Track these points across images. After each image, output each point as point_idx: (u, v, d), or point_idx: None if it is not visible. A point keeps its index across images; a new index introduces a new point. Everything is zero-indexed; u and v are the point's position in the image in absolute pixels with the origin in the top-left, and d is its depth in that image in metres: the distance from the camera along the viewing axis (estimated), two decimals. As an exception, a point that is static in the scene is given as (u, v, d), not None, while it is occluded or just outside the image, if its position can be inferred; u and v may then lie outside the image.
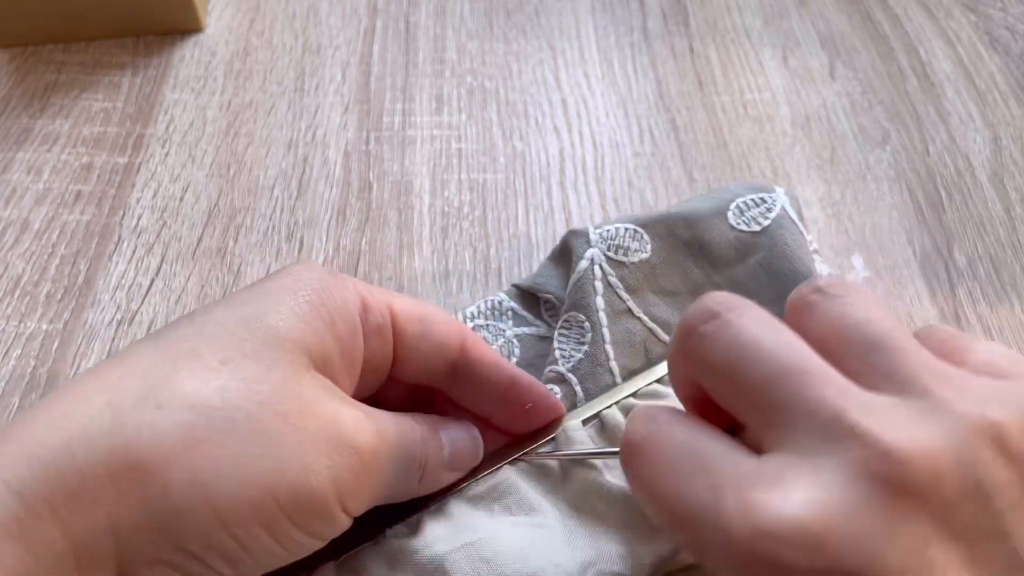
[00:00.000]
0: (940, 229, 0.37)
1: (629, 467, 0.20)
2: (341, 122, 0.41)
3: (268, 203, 0.37)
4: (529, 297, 0.31)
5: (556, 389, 0.28)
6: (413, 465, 0.22)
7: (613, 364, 0.28)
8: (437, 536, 0.24)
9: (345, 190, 0.38)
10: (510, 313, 0.31)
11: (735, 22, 0.46)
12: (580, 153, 0.39)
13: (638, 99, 0.42)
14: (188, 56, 0.43)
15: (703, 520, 0.17)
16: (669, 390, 0.27)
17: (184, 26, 0.44)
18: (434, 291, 0.34)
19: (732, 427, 0.20)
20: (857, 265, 0.35)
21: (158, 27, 0.44)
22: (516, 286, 0.32)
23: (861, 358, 0.18)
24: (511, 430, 0.26)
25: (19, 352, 0.32)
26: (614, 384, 0.28)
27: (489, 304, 0.31)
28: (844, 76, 0.43)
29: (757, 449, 0.18)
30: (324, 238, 0.36)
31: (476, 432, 0.25)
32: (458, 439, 0.24)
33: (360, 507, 0.21)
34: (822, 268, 0.30)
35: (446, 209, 0.37)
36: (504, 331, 0.30)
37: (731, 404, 0.19)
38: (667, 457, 0.18)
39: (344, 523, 0.20)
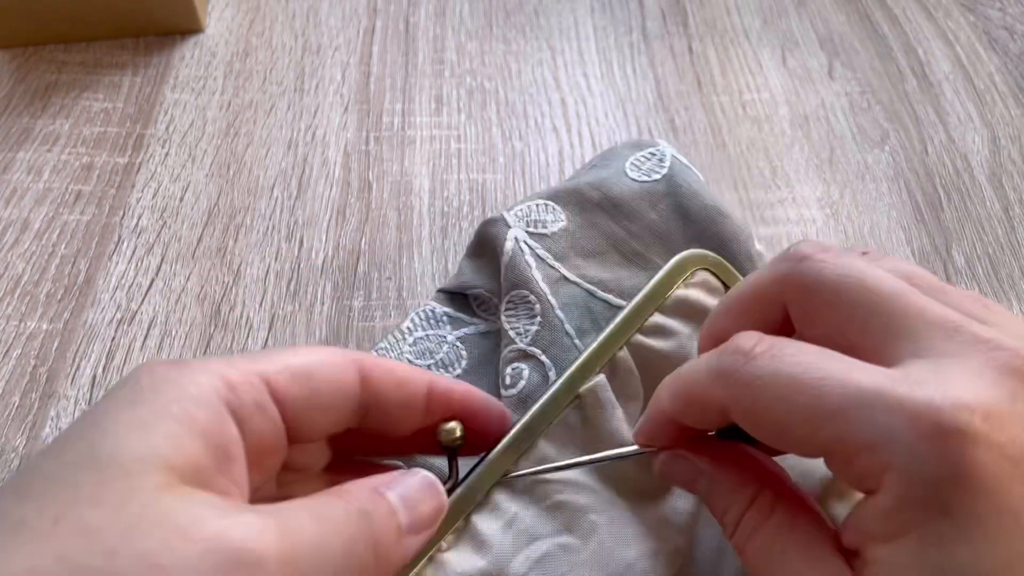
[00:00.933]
0: (939, 229, 0.37)
1: (742, 371, 0.19)
2: (341, 122, 0.41)
3: (268, 203, 0.37)
4: (459, 298, 0.31)
5: (523, 366, 0.27)
6: (356, 548, 0.18)
7: (568, 327, 0.28)
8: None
9: (345, 190, 0.38)
10: (445, 318, 0.31)
11: (734, 22, 0.46)
12: (580, 153, 0.39)
13: (637, 99, 0.42)
14: (188, 56, 0.43)
15: (872, 407, 0.17)
16: (670, 320, 0.27)
17: (184, 26, 0.44)
18: (434, 291, 0.34)
19: (729, 426, 0.20)
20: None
21: (158, 27, 0.44)
22: (442, 290, 0.32)
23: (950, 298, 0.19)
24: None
25: (19, 352, 0.32)
26: (575, 348, 0.28)
27: (423, 315, 0.31)
28: (843, 76, 0.43)
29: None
30: (324, 238, 0.36)
31: (429, 477, 0.21)
32: (410, 494, 0.20)
33: None
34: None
35: (446, 209, 0.37)
36: (446, 337, 0.30)
37: (843, 324, 0.19)
38: (801, 360, 0.18)
39: None
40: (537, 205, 0.31)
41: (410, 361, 0.29)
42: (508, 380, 0.27)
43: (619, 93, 0.42)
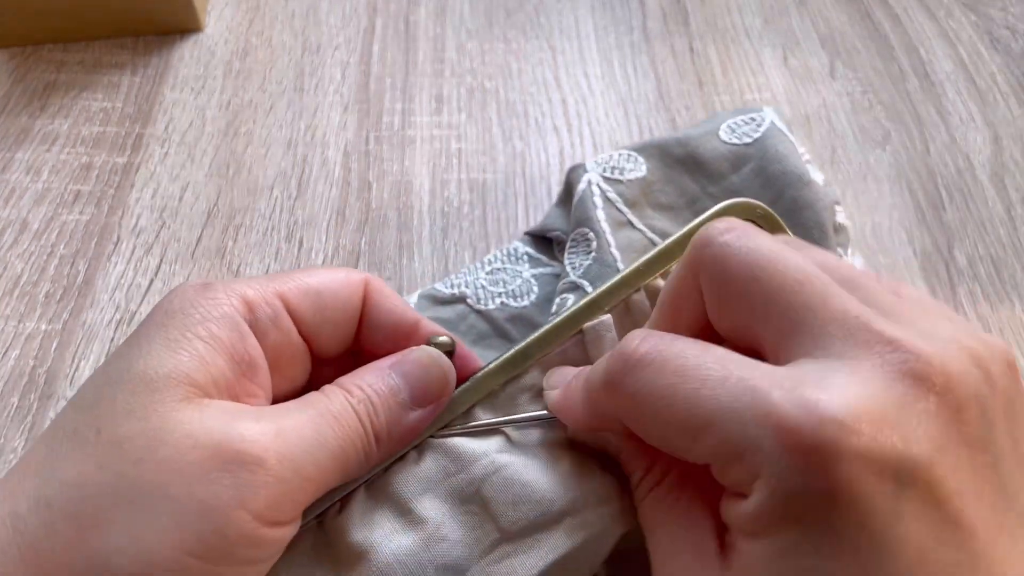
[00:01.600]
0: (941, 229, 0.37)
1: (625, 382, 0.19)
2: (341, 122, 0.41)
3: (267, 203, 0.37)
4: (543, 242, 0.33)
5: (570, 297, 0.28)
6: (350, 435, 0.21)
7: (620, 265, 0.28)
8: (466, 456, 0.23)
9: (345, 190, 0.38)
10: (525, 257, 0.32)
11: (735, 22, 0.46)
12: (580, 153, 0.39)
13: (638, 99, 0.42)
14: (188, 56, 0.43)
15: (742, 418, 0.17)
16: None
17: (184, 26, 0.44)
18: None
19: None
20: (857, 265, 0.35)
21: (158, 27, 0.44)
22: (528, 233, 0.33)
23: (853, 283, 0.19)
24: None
25: (18, 352, 0.32)
26: None
27: (505, 251, 0.33)
28: (844, 76, 0.43)
29: (773, 363, 0.18)
30: (324, 238, 0.36)
31: (432, 352, 0.23)
32: (414, 370, 0.22)
33: (291, 512, 0.20)
34: (816, 174, 0.31)
35: (446, 209, 0.37)
36: (521, 272, 0.32)
37: (746, 316, 0.19)
38: (680, 365, 0.18)
39: (281, 536, 0.20)
40: (620, 154, 0.32)
41: (483, 287, 0.31)
42: (554, 308, 0.28)
43: (620, 92, 0.42)
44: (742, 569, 0.17)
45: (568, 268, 0.29)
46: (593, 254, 0.29)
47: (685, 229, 0.25)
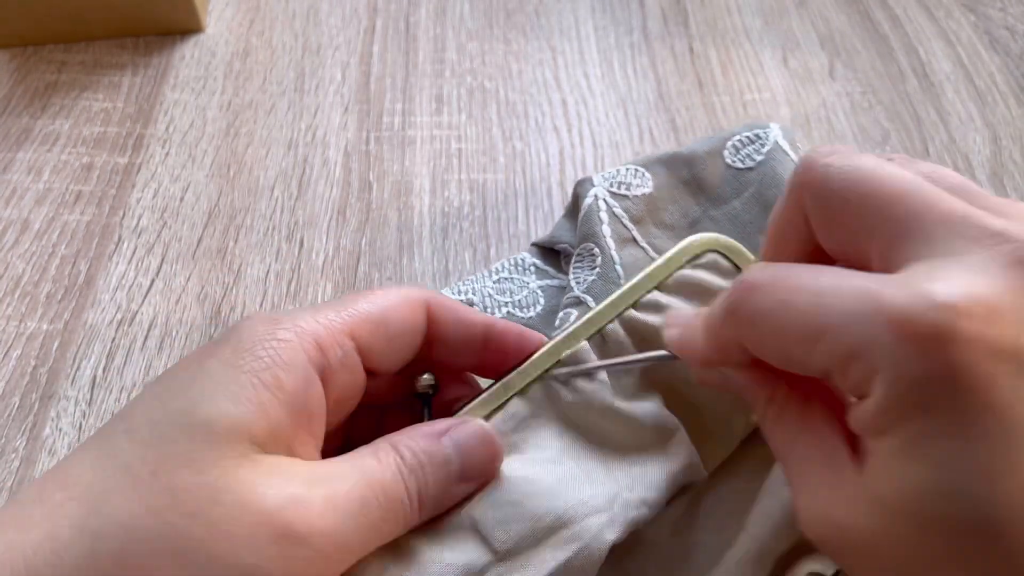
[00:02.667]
0: (940, 229, 0.37)
1: (744, 307, 0.19)
2: (341, 122, 0.41)
3: (268, 203, 0.37)
4: (550, 254, 0.33)
5: (573, 312, 0.28)
6: (395, 508, 0.21)
7: (623, 283, 0.28)
8: None
9: (345, 190, 0.38)
10: (532, 268, 0.33)
11: (735, 23, 0.46)
12: (580, 153, 0.39)
13: (638, 99, 0.42)
14: (188, 56, 0.43)
15: (857, 319, 0.17)
16: (670, 299, 0.26)
17: (184, 26, 0.44)
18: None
19: None
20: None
21: (158, 27, 0.44)
22: (535, 244, 0.34)
23: (960, 193, 0.19)
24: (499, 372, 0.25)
25: (19, 352, 0.32)
26: None
27: (512, 261, 0.33)
28: (844, 76, 0.43)
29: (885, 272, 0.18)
30: (324, 238, 0.36)
31: (484, 426, 0.23)
32: (468, 444, 0.22)
33: None
34: None
35: (446, 209, 0.37)
36: (528, 283, 0.32)
37: (854, 232, 0.19)
38: (795, 283, 0.18)
39: None
40: (627, 169, 0.32)
41: (491, 295, 0.32)
42: (557, 322, 0.28)
43: (620, 93, 0.42)
44: (877, 468, 0.17)
45: (573, 283, 0.30)
46: (597, 270, 0.30)
47: (654, 265, 0.26)
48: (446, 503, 0.22)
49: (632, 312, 0.26)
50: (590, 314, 0.26)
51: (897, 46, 0.45)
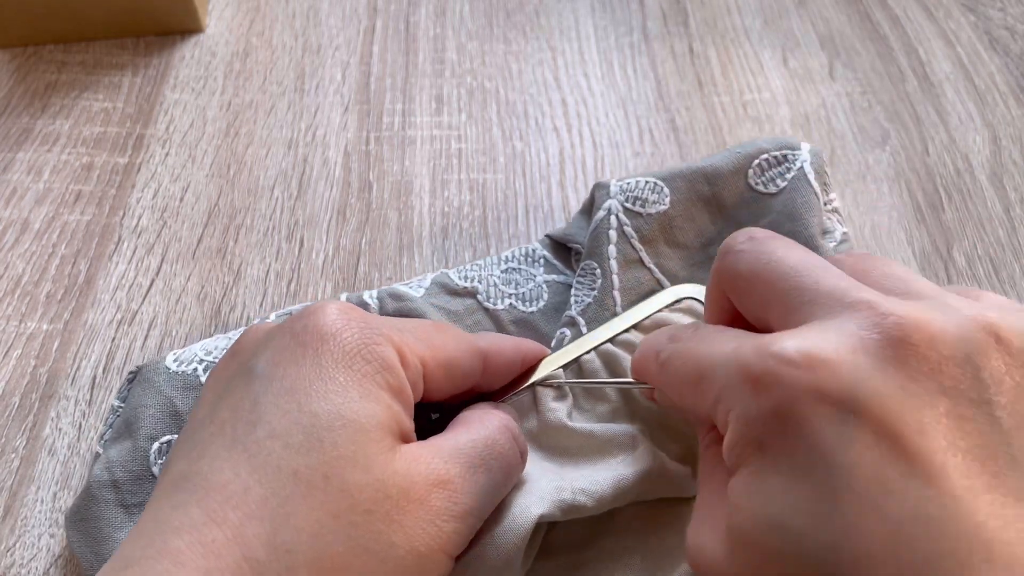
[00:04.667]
0: (939, 229, 0.37)
1: (663, 353, 0.23)
2: (341, 122, 0.41)
3: (268, 203, 0.37)
4: (561, 248, 0.33)
5: (567, 332, 0.29)
6: (510, 463, 0.24)
7: (619, 310, 0.29)
8: None
9: (345, 190, 0.38)
10: (542, 260, 0.33)
11: (735, 23, 0.46)
12: (580, 153, 0.39)
13: (638, 99, 0.42)
14: (188, 56, 0.43)
15: (725, 365, 0.20)
16: (672, 315, 0.29)
17: (184, 26, 0.44)
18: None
19: None
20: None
21: (158, 27, 0.44)
22: (549, 236, 0.33)
23: (880, 283, 0.21)
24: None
25: (19, 352, 0.32)
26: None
27: (524, 251, 0.33)
28: (843, 76, 0.43)
29: None
30: (324, 238, 0.36)
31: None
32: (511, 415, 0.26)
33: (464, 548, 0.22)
34: (836, 228, 0.32)
35: (446, 209, 0.37)
36: (535, 276, 0.32)
37: (757, 306, 0.21)
38: (697, 341, 0.22)
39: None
40: (647, 183, 0.31)
41: (496, 284, 0.32)
42: (553, 342, 0.29)
43: (620, 93, 0.42)
44: (730, 500, 0.19)
45: (572, 300, 0.30)
46: (595, 293, 0.30)
47: (639, 311, 0.29)
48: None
49: (609, 347, 0.28)
50: (571, 345, 0.28)
51: (897, 46, 0.45)
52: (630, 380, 0.27)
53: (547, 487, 0.25)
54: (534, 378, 0.28)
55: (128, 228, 0.36)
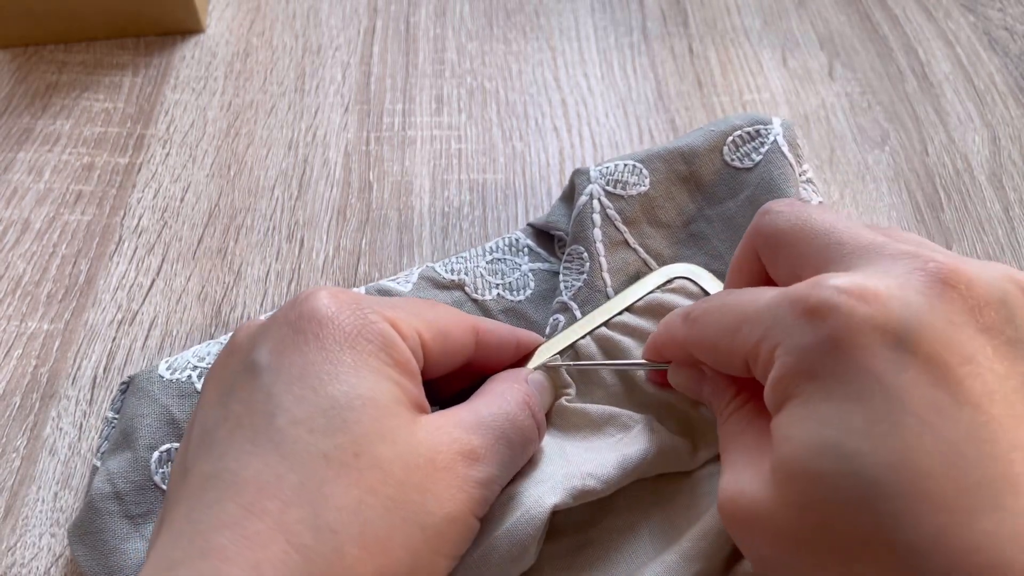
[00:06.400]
0: (939, 229, 0.37)
1: (694, 310, 0.24)
2: (341, 123, 0.41)
3: (268, 203, 0.37)
4: (544, 235, 0.33)
5: (561, 318, 0.29)
6: (527, 435, 0.24)
7: (610, 291, 0.30)
8: None
9: (345, 190, 0.38)
10: (526, 249, 0.33)
11: (734, 23, 0.46)
12: (580, 153, 0.39)
13: (637, 99, 0.42)
14: (189, 57, 0.43)
15: (770, 307, 0.20)
16: (640, 320, 0.29)
17: (185, 27, 0.44)
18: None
19: None
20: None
21: (159, 28, 0.44)
22: (531, 225, 0.34)
23: (901, 238, 0.21)
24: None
25: (20, 352, 0.32)
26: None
27: (507, 240, 0.33)
28: (843, 77, 0.43)
29: None
30: (324, 238, 0.36)
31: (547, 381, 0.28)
32: (536, 382, 0.27)
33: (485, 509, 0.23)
34: (813, 198, 0.32)
35: (446, 209, 0.37)
36: (520, 265, 0.33)
37: (793, 264, 0.22)
38: (732, 295, 0.22)
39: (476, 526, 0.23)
40: (625, 165, 0.32)
41: (482, 275, 0.32)
42: (548, 329, 0.30)
43: (620, 93, 0.42)
44: (776, 439, 0.19)
45: (562, 286, 0.30)
46: (584, 276, 0.30)
47: (632, 293, 0.29)
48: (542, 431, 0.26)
49: (604, 330, 0.29)
50: (567, 331, 0.29)
51: (896, 46, 0.45)
52: (640, 361, 0.27)
53: (557, 475, 0.25)
54: (532, 364, 0.28)
55: (129, 228, 0.36)
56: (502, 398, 0.24)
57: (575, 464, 0.25)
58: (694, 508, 0.26)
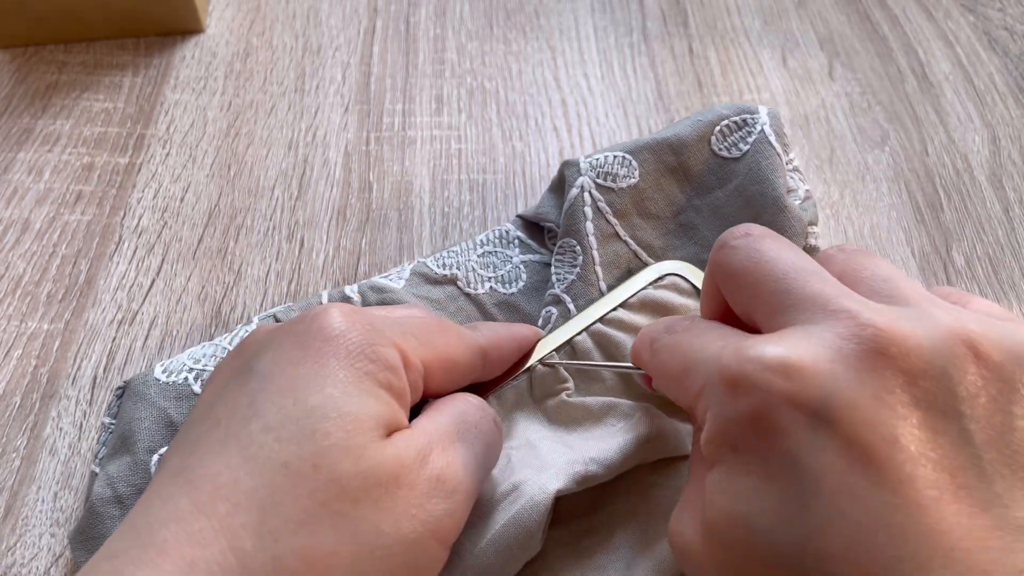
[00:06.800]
0: (939, 229, 0.37)
1: (656, 343, 0.24)
2: (341, 123, 0.41)
3: (268, 203, 0.37)
4: (534, 227, 0.34)
5: (553, 310, 0.30)
6: (493, 439, 0.24)
7: (603, 284, 0.30)
8: None
9: (345, 190, 0.38)
10: (517, 241, 0.33)
11: (734, 23, 0.46)
12: (580, 153, 0.39)
13: (637, 100, 0.42)
14: (189, 57, 0.43)
15: (709, 362, 0.20)
16: (634, 316, 0.30)
17: (185, 27, 0.44)
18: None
19: None
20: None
21: (159, 28, 0.44)
22: (521, 216, 0.34)
23: (868, 284, 0.21)
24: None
25: (20, 352, 0.32)
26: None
27: (497, 233, 0.33)
28: (843, 77, 0.43)
29: None
30: (324, 238, 0.36)
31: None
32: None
33: (457, 535, 0.23)
34: (800, 186, 0.33)
35: (446, 209, 0.37)
36: (511, 258, 0.33)
37: (746, 303, 0.22)
38: (687, 334, 0.23)
39: (445, 557, 0.22)
40: (615, 157, 0.32)
41: (474, 269, 0.32)
42: (540, 321, 0.30)
43: (619, 93, 0.42)
44: (707, 503, 0.20)
45: (554, 278, 0.30)
46: (578, 270, 0.30)
47: (625, 290, 0.30)
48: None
49: (599, 326, 0.29)
50: (563, 327, 0.29)
51: (896, 47, 0.45)
52: (628, 364, 0.28)
53: (559, 462, 0.25)
54: (530, 362, 0.28)
55: (129, 228, 0.36)
56: (446, 403, 0.24)
57: (577, 451, 0.26)
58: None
